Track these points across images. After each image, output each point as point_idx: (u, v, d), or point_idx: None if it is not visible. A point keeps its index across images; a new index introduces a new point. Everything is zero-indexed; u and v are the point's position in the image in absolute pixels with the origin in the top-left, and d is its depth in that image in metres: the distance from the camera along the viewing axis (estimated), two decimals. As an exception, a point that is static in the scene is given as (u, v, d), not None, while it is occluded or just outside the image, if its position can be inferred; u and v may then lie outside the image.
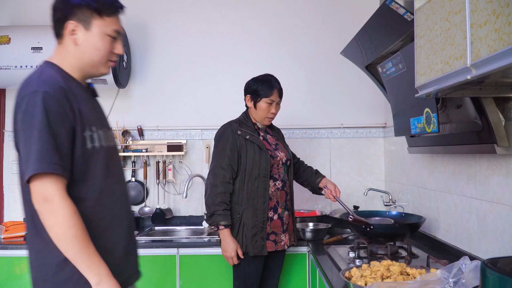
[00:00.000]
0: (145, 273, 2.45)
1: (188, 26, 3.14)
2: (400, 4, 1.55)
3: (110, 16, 1.36)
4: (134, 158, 3.06)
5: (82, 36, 1.34)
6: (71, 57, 1.37)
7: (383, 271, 1.46)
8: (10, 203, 3.09)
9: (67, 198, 1.22)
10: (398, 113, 2.09)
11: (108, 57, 1.40)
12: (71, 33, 1.34)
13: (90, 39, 1.35)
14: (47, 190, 1.20)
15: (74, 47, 1.35)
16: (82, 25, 1.34)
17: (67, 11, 1.33)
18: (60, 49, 1.39)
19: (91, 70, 1.40)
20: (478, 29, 1.05)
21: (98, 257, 1.25)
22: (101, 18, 1.35)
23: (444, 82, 1.24)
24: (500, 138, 1.56)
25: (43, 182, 1.20)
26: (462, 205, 1.97)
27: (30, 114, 1.22)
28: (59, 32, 1.37)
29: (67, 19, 1.33)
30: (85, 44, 1.35)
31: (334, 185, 2.33)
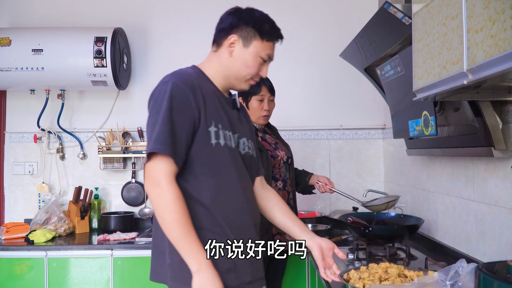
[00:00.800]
0: (146, 274, 2.46)
1: (188, 28, 3.15)
2: (398, 8, 1.56)
3: (268, 41, 1.46)
4: (134, 159, 3.08)
5: (238, 50, 1.44)
6: (221, 65, 1.47)
7: (381, 273, 1.47)
8: (11, 204, 3.10)
9: (173, 183, 1.27)
10: (397, 115, 2.10)
11: (252, 76, 1.48)
12: (229, 45, 1.44)
13: (244, 55, 1.44)
14: (156, 173, 1.26)
15: (227, 57, 1.45)
16: (242, 41, 1.44)
17: (235, 25, 1.44)
18: (212, 55, 1.51)
19: (233, 82, 1.49)
20: (474, 35, 1.06)
21: (199, 244, 1.26)
22: (261, 41, 1.44)
23: (441, 86, 1.25)
24: (497, 141, 1.57)
25: (155, 164, 1.27)
26: (460, 207, 1.98)
27: (159, 101, 1.32)
28: (219, 41, 1.48)
29: (232, 32, 1.44)
30: (238, 58, 1.44)
31: (326, 178, 2.34)
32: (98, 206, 3.00)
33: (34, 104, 3.07)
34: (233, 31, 1.44)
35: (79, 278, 2.48)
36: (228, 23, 1.46)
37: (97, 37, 2.75)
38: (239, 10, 1.48)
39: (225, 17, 1.49)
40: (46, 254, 2.47)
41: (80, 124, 3.13)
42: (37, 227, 2.69)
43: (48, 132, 3.07)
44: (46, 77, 2.78)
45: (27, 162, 3.10)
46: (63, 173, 3.11)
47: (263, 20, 1.46)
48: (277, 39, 1.50)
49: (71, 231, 2.83)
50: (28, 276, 2.47)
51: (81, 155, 3.09)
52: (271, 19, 1.49)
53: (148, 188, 1.27)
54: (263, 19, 1.46)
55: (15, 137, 3.12)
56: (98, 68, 2.75)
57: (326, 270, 1.48)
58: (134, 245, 2.52)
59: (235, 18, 1.45)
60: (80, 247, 2.50)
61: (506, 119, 1.61)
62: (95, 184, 3.08)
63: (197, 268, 1.24)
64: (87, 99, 3.14)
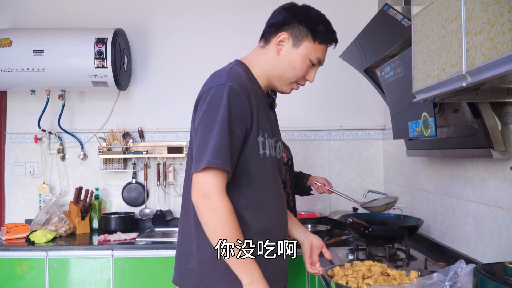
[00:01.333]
0: (146, 275, 2.48)
1: (188, 29, 3.15)
2: (398, 10, 1.57)
3: (321, 44, 1.37)
4: (135, 160, 3.08)
5: (286, 50, 1.36)
6: (266, 63, 1.39)
7: (365, 271, 1.48)
8: (12, 204, 3.11)
9: (225, 197, 1.22)
10: (396, 116, 2.11)
11: (297, 79, 1.40)
12: (278, 43, 1.36)
13: (293, 55, 1.36)
14: (208, 185, 1.20)
15: (274, 55, 1.37)
16: (292, 40, 1.35)
17: (287, 21, 1.35)
18: (258, 51, 1.42)
19: (276, 83, 1.41)
20: (473, 37, 1.07)
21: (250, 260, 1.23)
22: (313, 42, 1.35)
23: (440, 88, 1.25)
24: (496, 142, 1.58)
25: (207, 176, 1.20)
26: (459, 208, 1.99)
27: (213, 106, 1.23)
28: (268, 37, 1.39)
29: (283, 29, 1.35)
30: (285, 58, 1.36)
31: (324, 178, 2.35)
32: (98, 207, 3.01)
33: (35, 104, 3.08)
34: (284, 28, 1.35)
35: (79, 278, 2.49)
36: (280, 19, 1.36)
37: (98, 38, 2.76)
38: (294, 7, 1.39)
39: (278, 12, 1.39)
40: (47, 254, 2.48)
41: (81, 125, 3.14)
42: (37, 227, 2.70)
43: (48, 133, 3.07)
44: (46, 77, 2.79)
45: (28, 162, 3.11)
46: (63, 174, 3.12)
47: (319, 20, 1.37)
48: (331, 43, 1.40)
49: (72, 232, 2.84)
50: (28, 277, 2.48)
51: (81, 155, 3.10)
52: (328, 20, 1.39)
53: (198, 201, 1.22)
54: (318, 19, 1.37)
55: (16, 137, 3.13)
56: (99, 69, 2.75)
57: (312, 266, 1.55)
58: (135, 245, 2.53)
59: (288, 15, 1.36)
60: (81, 248, 2.51)
61: (505, 120, 1.61)
62: (95, 185, 3.09)
63: (249, 281, 1.22)
64: (88, 100, 3.15)
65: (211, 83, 1.29)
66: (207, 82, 1.33)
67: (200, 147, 1.23)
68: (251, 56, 1.44)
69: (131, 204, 3.10)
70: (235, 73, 1.30)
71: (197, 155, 1.23)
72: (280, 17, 1.37)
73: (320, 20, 1.37)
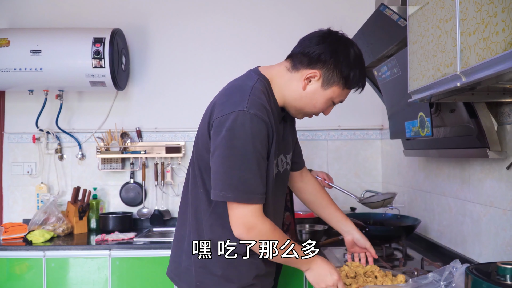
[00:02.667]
0: (144, 275, 2.48)
1: (186, 29, 3.15)
2: (394, 10, 1.57)
3: (349, 89, 1.35)
4: (133, 160, 3.08)
5: (313, 89, 1.31)
6: (288, 90, 1.34)
7: (348, 271, 1.52)
8: (10, 204, 3.11)
9: (265, 221, 1.26)
10: (393, 116, 2.11)
11: (314, 113, 1.40)
12: (307, 78, 1.30)
13: (318, 96, 1.32)
14: (249, 218, 1.22)
15: (298, 87, 1.32)
16: (322, 81, 1.30)
17: (323, 60, 1.28)
18: (284, 72, 1.35)
19: (292, 111, 1.39)
20: (467, 37, 1.07)
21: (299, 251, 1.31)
22: (342, 88, 1.32)
23: (435, 88, 1.26)
24: (492, 142, 1.58)
25: (244, 210, 1.22)
26: (456, 208, 1.99)
27: (235, 135, 1.19)
28: (298, 65, 1.31)
29: (317, 66, 1.29)
30: (310, 96, 1.32)
31: (325, 173, 2.34)
32: (96, 207, 3.01)
33: (33, 104, 3.08)
34: (318, 65, 1.28)
35: (77, 278, 2.49)
36: (316, 54, 1.28)
37: (95, 38, 2.76)
38: (335, 42, 1.29)
39: (317, 41, 1.30)
40: (45, 254, 2.48)
41: (79, 125, 3.14)
42: (35, 227, 2.70)
43: (46, 133, 3.07)
44: (44, 77, 2.79)
45: (26, 162, 3.11)
46: (61, 174, 3.12)
47: (355, 65, 1.30)
48: (358, 88, 1.37)
49: (70, 232, 2.84)
50: (26, 276, 2.48)
51: (79, 155, 3.10)
52: (363, 63, 1.34)
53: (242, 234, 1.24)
54: (355, 64, 1.30)
55: (14, 137, 3.13)
56: (96, 69, 2.75)
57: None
58: (132, 245, 2.53)
59: (327, 53, 1.27)
60: (78, 247, 2.51)
61: (501, 120, 1.61)
62: (93, 185, 3.09)
63: (307, 268, 1.35)
64: (86, 100, 3.15)
65: (231, 106, 1.22)
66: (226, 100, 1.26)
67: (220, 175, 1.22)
68: (275, 74, 1.36)
69: (129, 204, 3.10)
70: (257, 94, 1.24)
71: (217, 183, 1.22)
72: (317, 51, 1.28)
73: (357, 66, 1.31)
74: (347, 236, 1.66)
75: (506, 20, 0.92)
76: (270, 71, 1.37)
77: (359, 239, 1.64)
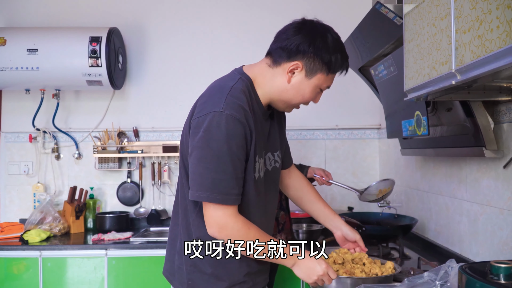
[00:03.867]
0: (141, 274, 2.47)
1: (183, 28, 3.15)
2: (390, 8, 1.56)
3: (333, 74, 1.33)
4: (130, 159, 3.07)
5: (298, 80, 1.29)
6: (273, 86, 1.32)
7: (335, 257, 1.52)
8: (6, 204, 3.10)
9: (238, 219, 1.25)
10: (390, 115, 2.10)
11: (303, 103, 1.38)
12: (290, 71, 1.28)
13: (303, 86, 1.30)
14: (220, 217, 1.23)
15: (283, 81, 1.30)
16: (305, 71, 1.28)
17: (302, 51, 1.26)
18: (265, 70, 1.33)
19: (279, 104, 1.37)
20: (462, 35, 1.06)
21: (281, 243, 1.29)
22: (326, 74, 1.30)
23: (430, 87, 1.25)
24: (488, 141, 1.57)
25: (217, 210, 1.22)
26: (453, 207, 1.98)
27: (210, 135, 1.19)
28: (279, 60, 1.29)
29: (297, 58, 1.27)
30: (296, 88, 1.30)
31: (322, 169, 2.32)
32: (93, 206, 3.00)
33: (29, 104, 3.07)
34: (298, 56, 1.27)
35: (73, 278, 2.48)
36: (295, 45, 1.26)
37: (92, 37, 2.75)
38: (312, 31, 1.28)
39: (293, 32, 1.28)
40: (41, 254, 2.47)
41: (76, 124, 3.13)
42: (32, 227, 2.69)
43: (43, 132, 3.06)
44: (41, 77, 2.78)
45: (23, 162, 3.10)
46: (58, 173, 3.11)
47: (335, 50, 1.28)
48: (343, 71, 1.35)
49: (66, 231, 2.83)
50: (22, 276, 2.47)
51: (76, 155, 3.09)
52: (343, 46, 1.33)
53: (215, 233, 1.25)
54: (335, 49, 1.28)
55: (11, 137, 3.12)
56: (93, 68, 2.74)
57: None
58: (129, 245, 2.52)
59: (305, 43, 1.25)
60: (75, 247, 2.50)
61: (497, 119, 1.61)
62: (90, 184, 3.08)
63: (292, 263, 1.32)
64: (83, 99, 3.14)
65: (209, 107, 1.22)
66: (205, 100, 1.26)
67: (195, 175, 1.23)
68: (257, 72, 1.34)
69: (126, 203, 3.09)
70: (235, 95, 1.24)
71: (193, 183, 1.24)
72: (295, 43, 1.26)
73: (337, 50, 1.29)
74: (336, 232, 1.63)
75: (500, 17, 0.91)
76: (253, 69, 1.36)
77: (348, 233, 1.60)
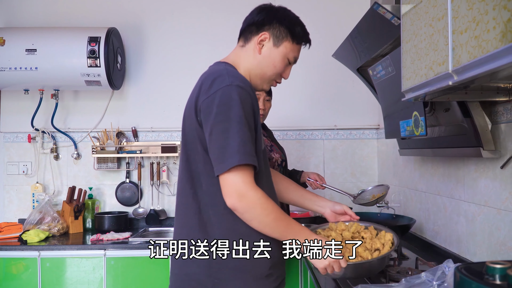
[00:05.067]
0: (140, 274, 2.47)
1: (182, 28, 3.15)
2: (387, 9, 1.57)
3: (298, 44, 1.45)
4: (129, 159, 3.07)
5: (267, 49, 1.41)
6: (248, 62, 1.43)
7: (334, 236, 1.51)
8: (5, 204, 3.10)
9: (257, 189, 1.25)
10: (389, 115, 2.10)
11: (275, 77, 1.46)
12: (259, 42, 1.41)
13: (273, 54, 1.41)
14: (240, 185, 1.22)
15: (255, 54, 1.42)
16: (272, 40, 1.40)
17: (268, 21, 1.40)
18: (239, 51, 1.45)
19: (257, 82, 1.46)
20: (459, 36, 1.06)
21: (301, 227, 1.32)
22: (291, 42, 1.42)
23: (428, 87, 1.25)
24: (486, 141, 1.57)
25: (235, 176, 1.22)
26: (451, 207, 1.98)
27: (226, 107, 1.24)
28: (249, 36, 1.42)
29: (264, 29, 1.40)
30: (267, 57, 1.41)
31: (316, 174, 2.34)
32: (92, 206, 3.00)
33: (28, 104, 3.07)
34: (265, 27, 1.40)
35: (72, 278, 2.48)
36: (261, 19, 1.41)
37: (91, 37, 2.75)
38: (273, 8, 1.44)
39: (258, 12, 1.43)
40: (39, 254, 2.47)
41: (74, 124, 3.13)
42: (30, 227, 2.69)
43: (42, 132, 3.06)
44: (40, 77, 2.78)
45: (22, 162, 3.10)
46: (57, 173, 3.11)
47: (296, 21, 1.44)
48: (307, 43, 1.49)
49: (65, 231, 2.83)
50: (21, 276, 2.47)
51: (75, 155, 3.09)
52: (302, 23, 1.46)
53: (235, 203, 1.23)
54: (296, 21, 1.44)
55: (9, 137, 3.12)
56: (92, 68, 2.74)
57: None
58: (128, 245, 2.52)
59: (269, 15, 1.41)
60: (73, 247, 2.50)
61: (495, 119, 1.61)
62: (89, 184, 3.08)
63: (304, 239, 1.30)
64: (81, 99, 3.14)
65: (215, 86, 1.27)
66: (207, 84, 1.30)
67: (221, 149, 1.23)
68: (234, 57, 1.46)
69: (124, 203, 3.09)
70: (233, 73, 1.33)
71: (219, 157, 1.23)
72: (260, 17, 1.41)
73: (298, 22, 1.44)
74: (325, 210, 1.65)
75: (497, 18, 0.91)
76: (228, 58, 1.46)
77: (335, 207, 1.63)
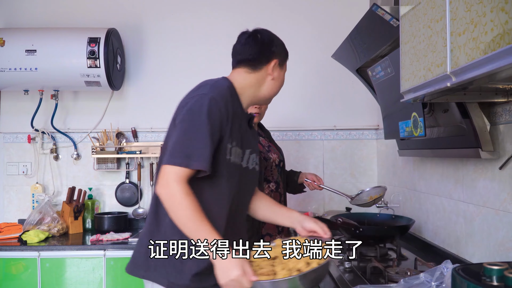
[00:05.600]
0: (137, 275, 2.47)
1: (182, 28, 3.15)
2: (386, 10, 1.57)
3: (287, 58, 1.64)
4: (128, 160, 3.08)
5: (277, 73, 1.56)
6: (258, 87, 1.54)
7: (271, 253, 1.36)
8: (5, 204, 3.10)
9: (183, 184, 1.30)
10: (388, 116, 2.11)
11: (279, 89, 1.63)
12: (272, 69, 1.53)
13: (281, 75, 1.59)
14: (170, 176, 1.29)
15: (269, 80, 1.55)
16: (279, 64, 1.56)
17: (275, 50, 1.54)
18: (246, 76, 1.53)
19: (263, 100, 1.62)
20: (457, 37, 1.07)
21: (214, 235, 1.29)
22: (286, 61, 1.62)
23: (426, 88, 1.26)
24: (485, 142, 1.58)
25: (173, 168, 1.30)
26: (450, 208, 1.99)
27: (194, 113, 1.35)
28: (257, 65, 1.52)
29: (273, 57, 1.54)
30: (278, 79, 1.57)
31: (314, 174, 2.34)
32: (91, 207, 3.00)
33: (28, 104, 3.07)
34: (273, 56, 1.53)
35: (72, 278, 2.48)
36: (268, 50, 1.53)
37: (90, 38, 2.75)
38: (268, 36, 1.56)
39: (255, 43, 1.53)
40: (39, 254, 2.47)
41: (74, 125, 3.13)
42: (30, 227, 2.70)
43: (42, 133, 3.07)
44: (39, 77, 2.78)
45: (21, 162, 3.11)
46: (57, 174, 3.11)
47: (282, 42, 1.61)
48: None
49: (65, 232, 2.84)
50: (21, 277, 2.48)
51: (75, 155, 3.09)
52: None
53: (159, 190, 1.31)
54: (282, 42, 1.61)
55: (9, 137, 3.12)
56: (92, 69, 2.75)
57: None
58: (127, 245, 2.53)
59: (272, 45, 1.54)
60: (73, 248, 2.51)
61: (494, 120, 1.61)
62: (89, 185, 3.09)
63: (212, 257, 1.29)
64: (81, 100, 3.14)
65: (193, 93, 1.41)
66: (192, 91, 1.45)
67: (175, 144, 1.33)
68: (239, 78, 1.53)
69: (124, 204, 3.09)
70: (217, 85, 1.43)
71: (171, 150, 1.32)
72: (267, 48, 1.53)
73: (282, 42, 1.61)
74: (296, 226, 1.57)
75: (494, 20, 0.92)
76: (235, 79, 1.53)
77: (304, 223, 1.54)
